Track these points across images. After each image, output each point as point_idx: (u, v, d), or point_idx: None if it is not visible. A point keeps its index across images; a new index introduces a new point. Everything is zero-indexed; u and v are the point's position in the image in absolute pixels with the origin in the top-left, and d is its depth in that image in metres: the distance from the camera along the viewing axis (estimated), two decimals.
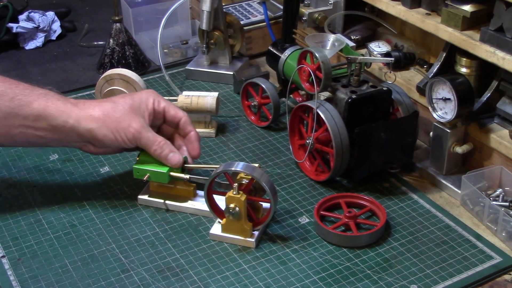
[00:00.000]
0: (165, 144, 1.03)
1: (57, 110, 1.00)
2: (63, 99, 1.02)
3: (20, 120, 0.99)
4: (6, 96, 0.98)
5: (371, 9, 1.36)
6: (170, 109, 1.07)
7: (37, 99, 0.99)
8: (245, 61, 1.48)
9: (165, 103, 1.07)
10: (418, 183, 1.13)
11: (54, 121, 0.99)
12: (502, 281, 0.94)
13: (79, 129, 1.00)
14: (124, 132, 1.01)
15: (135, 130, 1.01)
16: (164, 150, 1.03)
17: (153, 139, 1.02)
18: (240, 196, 0.96)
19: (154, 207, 1.07)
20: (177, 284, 0.93)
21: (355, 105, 1.07)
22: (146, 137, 1.02)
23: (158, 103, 1.06)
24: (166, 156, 1.03)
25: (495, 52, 1.04)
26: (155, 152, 1.02)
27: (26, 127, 0.99)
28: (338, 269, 0.95)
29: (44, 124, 0.99)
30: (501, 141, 1.07)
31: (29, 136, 1.00)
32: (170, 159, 1.03)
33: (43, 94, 1.01)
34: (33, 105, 0.99)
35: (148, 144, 1.02)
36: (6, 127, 0.99)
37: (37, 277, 0.94)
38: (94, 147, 1.04)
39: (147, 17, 1.59)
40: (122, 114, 1.01)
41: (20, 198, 1.10)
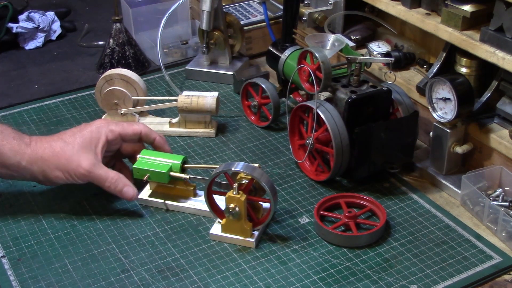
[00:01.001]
0: (118, 179, 1.03)
1: (11, 150, 1.01)
2: (18, 138, 1.02)
3: None
4: None
5: (371, 9, 1.36)
6: (127, 130, 1.07)
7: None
8: (245, 61, 1.48)
9: (119, 127, 1.07)
10: (418, 183, 1.13)
11: (8, 161, 1.01)
12: (502, 281, 0.94)
13: (32, 170, 1.02)
14: (74, 173, 1.01)
15: (85, 170, 1.01)
16: (118, 185, 1.03)
17: (105, 176, 1.03)
18: (240, 196, 0.96)
19: (154, 207, 1.07)
20: (177, 284, 0.93)
21: (355, 105, 1.07)
22: (98, 175, 1.02)
23: (111, 132, 1.06)
24: (121, 190, 1.03)
25: (495, 52, 1.04)
26: (109, 189, 1.03)
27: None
28: (338, 269, 0.95)
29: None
30: (501, 141, 1.07)
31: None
32: (125, 193, 1.03)
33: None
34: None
35: (101, 182, 1.03)
36: None
37: (37, 277, 0.94)
38: (48, 182, 1.05)
39: (147, 17, 1.59)
40: (71, 154, 1.02)
41: (20, 198, 1.10)
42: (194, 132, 1.26)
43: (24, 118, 1.31)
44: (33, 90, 1.45)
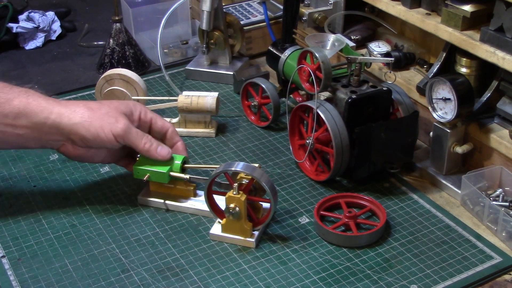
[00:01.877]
0: (152, 138, 1.02)
1: (38, 106, 0.97)
2: (44, 96, 1.00)
3: (0, 119, 0.97)
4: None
5: (371, 9, 1.36)
6: (158, 120, 1.07)
7: (17, 97, 0.98)
8: (245, 61, 1.48)
9: (152, 114, 1.06)
10: (418, 183, 1.13)
11: (35, 118, 0.97)
12: (502, 281, 0.94)
13: (61, 125, 0.98)
14: (111, 128, 0.98)
15: (123, 124, 0.99)
16: (153, 143, 1.02)
17: (142, 134, 1.01)
18: (240, 196, 0.96)
19: (154, 207, 1.07)
20: (177, 284, 0.93)
21: (355, 105, 1.07)
22: (135, 132, 1.00)
23: (145, 113, 1.05)
24: (156, 149, 1.02)
25: (495, 52, 1.04)
26: (144, 146, 1.01)
27: (5, 125, 0.97)
28: (338, 269, 0.95)
29: (25, 121, 0.97)
30: (501, 141, 1.07)
31: (8, 135, 0.98)
32: (160, 151, 1.02)
33: (23, 91, 0.99)
34: (14, 102, 0.97)
35: (137, 139, 1.00)
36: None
37: (37, 277, 0.94)
38: (73, 148, 1.02)
39: (147, 17, 1.59)
40: (108, 111, 1.00)
41: (20, 198, 1.10)
42: (194, 132, 1.26)
43: None
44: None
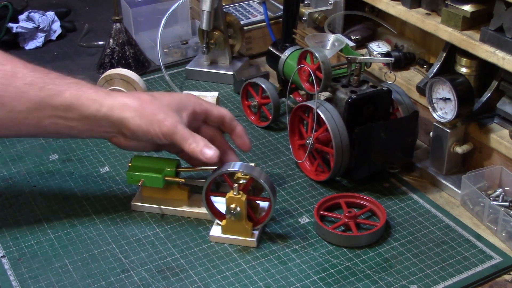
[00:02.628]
0: (200, 139, 0.98)
1: (89, 99, 0.96)
2: (95, 88, 0.98)
3: (51, 111, 0.95)
4: (36, 86, 0.94)
5: (371, 9, 1.36)
6: (213, 110, 1.04)
7: (68, 89, 0.96)
8: (245, 61, 1.48)
9: (207, 104, 1.04)
10: (418, 183, 1.13)
11: (86, 111, 0.95)
12: (502, 281, 0.94)
13: (112, 118, 0.96)
14: (159, 125, 0.96)
15: (171, 123, 0.96)
16: (199, 144, 0.97)
17: (189, 134, 0.97)
18: (240, 196, 0.96)
19: (148, 213, 1.06)
20: (177, 284, 0.93)
21: (355, 105, 1.07)
22: (182, 132, 0.97)
23: (199, 105, 1.02)
24: (200, 150, 0.97)
25: (495, 52, 1.04)
26: (189, 147, 0.97)
27: (57, 117, 0.96)
28: (338, 269, 0.95)
29: (76, 114, 0.96)
30: (501, 141, 1.07)
31: (60, 126, 0.97)
32: (204, 153, 0.97)
33: (74, 83, 0.97)
34: (65, 94, 0.95)
35: (183, 139, 0.97)
36: (36, 118, 0.95)
37: (37, 277, 0.94)
38: (124, 139, 1.00)
39: (147, 17, 1.59)
40: (159, 107, 0.97)
41: (20, 198, 1.10)
42: None
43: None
44: None
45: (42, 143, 1.23)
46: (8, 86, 0.93)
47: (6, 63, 0.94)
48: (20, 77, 0.94)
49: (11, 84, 0.93)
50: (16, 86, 0.93)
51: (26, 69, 0.95)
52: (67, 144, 1.23)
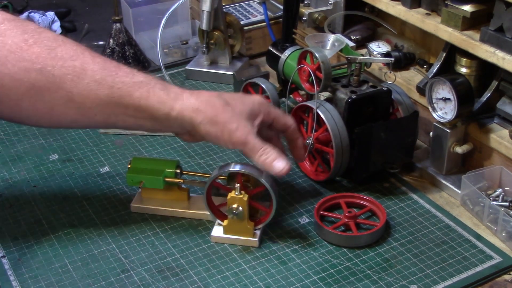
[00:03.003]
0: (271, 151, 0.96)
1: (159, 101, 0.94)
2: (166, 89, 0.96)
3: (121, 109, 0.94)
4: (105, 84, 0.93)
5: (371, 9, 1.36)
6: (280, 118, 1.03)
7: (138, 89, 0.94)
8: (245, 61, 1.48)
9: (276, 113, 1.03)
10: (418, 183, 1.13)
11: (156, 113, 0.94)
12: (502, 281, 0.94)
13: (183, 121, 0.95)
14: (230, 135, 0.95)
15: (242, 134, 0.95)
16: (270, 156, 0.95)
17: (259, 146, 0.96)
18: (242, 196, 0.96)
19: (149, 214, 1.06)
20: (177, 284, 0.93)
21: (355, 105, 1.07)
22: (253, 143, 0.95)
23: (268, 114, 1.01)
24: (271, 162, 0.95)
25: (495, 52, 1.04)
26: (260, 159, 0.96)
27: (127, 115, 0.95)
28: (338, 269, 0.95)
29: (146, 115, 0.95)
30: (501, 141, 1.07)
31: (129, 123, 0.96)
32: (276, 165, 0.95)
33: (144, 82, 0.95)
34: (134, 95, 0.94)
35: (254, 151, 0.96)
36: (106, 114, 0.95)
37: (37, 277, 0.94)
38: (193, 138, 1.00)
39: (147, 17, 1.59)
40: (232, 115, 0.96)
41: (20, 198, 1.10)
42: None
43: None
44: None
45: (42, 143, 1.23)
46: (78, 83, 0.92)
47: (76, 58, 0.93)
48: (89, 74, 0.92)
49: (81, 80, 0.92)
50: (85, 83, 0.92)
51: (95, 65, 0.93)
52: (67, 144, 1.23)
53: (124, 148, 1.22)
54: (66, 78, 0.91)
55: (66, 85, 0.91)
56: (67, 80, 0.91)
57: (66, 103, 0.92)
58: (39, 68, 0.90)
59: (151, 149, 1.22)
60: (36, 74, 0.90)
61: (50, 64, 0.91)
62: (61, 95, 0.92)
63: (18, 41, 0.90)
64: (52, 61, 0.91)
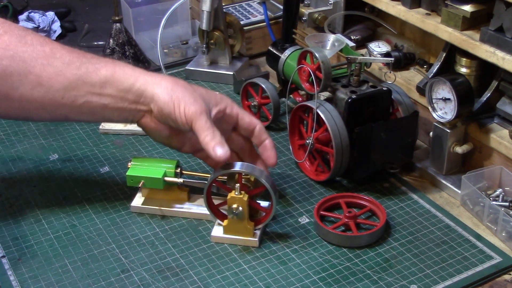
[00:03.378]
0: (218, 135, 0.96)
1: (125, 74, 0.97)
2: (131, 66, 1.00)
3: (87, 87, 0.96)
4: (73, 65, 0.96)
5: (371, 9, 1.36)
6: (245, 116, 1.03)
7: (105, 66, 0.98)
8: (245, 61, 1.48)
9: (240, 110, 1.03)
10: (418, 183, 1.13)
11: (121, 85, 0.97)
12: (502, 281, 0.94)
13: (145, 92, 0.97)
14: (185, 106, 0.96)
15: (197, 109, 0.96)
16: (215, 139, 0.95)
17: (210, 126, 0.96)
18: (242, 196, 0.96)
19: (149, 214, 1.06)
20: (177, 284, 0.93)
21: (355, 105, 1.07)
22: (204, 120, 0.96)
23: (231, 107, 1.02)
24: (213, 146, 0.95)
25: (495, 52, 1.05)
26: (204, 139, 0.95)
27: (92, 94, 0.97)
28: (338, 269, 0.95)
29: (110, 89, 0.97)
30: (501, 141, 1.07)
31: (94, 105, 0.98)
32: (215, 149, 0.94)
33: (111, 61, 0.99)
34: (101, 71, 0.97)
35: (202, 128, 0.96)
36: (72, 96, 0.96)
37: (37, 277, 0.94)
38: (151, 120, 1.00)
39: (147, 17, 1.59)
40: (190, 92, 0.98)
41: (20, 198, 1.10)
42: None
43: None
44: None
45: (42, 143, 1.23)
46: (47, 66, 0.95)
47: (45, 44, 0.96)
48: (58, 57, 0.96)
49: (50, 64, 0.95)
50: (54, 66, 0.95)
51: (64, 50, 0.97)
52: (67, 144, 1.23)
53: (124, 148, 1.22)
54: (36, 62, 0.95)
55: (36, 69, 0.95)
56: (37, 64, 0.95)
57: (35, 87, 0.95)
58: (11, 54, 0.94)
59: (151, 149, 1.22)
60: (7, 61, 0.94)
61: (20, 50, 0.95)
62: (31, 79, 0.95)
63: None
64: (22, 48, 0.95)
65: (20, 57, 0.94)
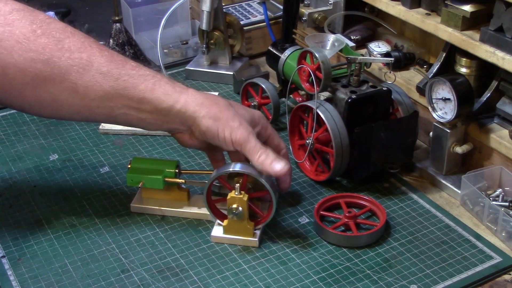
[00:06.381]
0: (270, 152, 0.96)
1: (164, 93, 0.95)
2: (171, 83, 0.97)
3: (124, 101, 0.94)
4: (111, 77, 0.94)
5: (371, 9, 1.36)
6: (275, 138, 1.04)
7: (143, 81, 0.95)
8: (245, 61, 1.48)
9: (272, 131, 1.04)
10: (418, 183, 1.13)
11: (160, 105, 0.95)
12: (502, 281, 0.94)
13: (185, 115, 0.96)
14: (231, 132, 0.96)
15: (244, 132, 0.96)
16: (269, 157, 0.96)
17: (260, 147, 0.96)
18: (242, 196, 0.96)
19: (149, 214, 1.06)
20: (177, 284, 0.93)
21: (355, 105, 1.07)
22: (254, 142, 0.96)
23: (265, 129, 1.02)
24: (270, 163, 0.95)
25: (495, 52, 1.05)
26: (259, 159, 0.96)
27: (129, 108, 0.95)
28: (338, 269, 0.95)
29: (149, 107, 0.95)
30: (501, 141, 1.07)
31: (131, 118, 0.96)
32: (273, 166, 0.95)
33: (150, 76, 0.96)
34: (139, 87, 0.94)
35: (254, 150, 0.96)
36: (108, 107, 0.95)
37: (37, 277, 0.94)
38: (189, 137, 0.99)
39: (147, 17, 1.59)
40: (234, 115, 0.97)
41: (20, 198, 1.10)
42: None
43: (24, 118, 1.31)
44: None
45: (42, 143, 1.23)
46: (83, 75, 0.92)
47: (83, 51, 0.93)
48: (96, 67, 0.93)
49: (87, 73, 0.93)
50: (91, 75, 0.93)
51: (103, 58, 0.94)
52: (67, 144, 1.23)
53: (124, 148, 1.22)
54: (72, 69, 0.92)
55: (72, 76, 0.92)
56: (73, 72, 0.92)
57: (70, 94, 0.93)
58: (46, 59, 0.91)
59: (151, 149, 1.22)
60: (42, 64, 0.91)
61: (56, 55, 0.92)
62: (66, 86, 0.92)
63: (26, 32, 0.91)
64: (58, 52, 0.92)
65: (55, 63, 0.91)
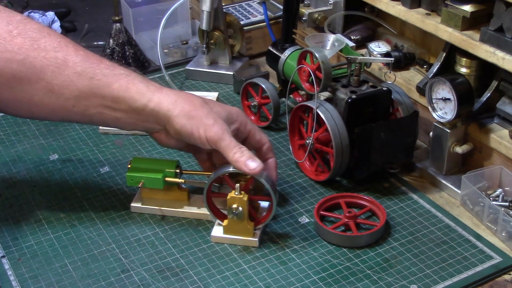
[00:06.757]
0: (246, 150, 0.96)
1: (138, 92, 0.95)
2: (145, 82, 0.97)
3: (99, 100, 0.95)
4: (85, 76, 0.94)
5: (371, 9, 1.36)
6: (256, 133, 1.03)
7: (118, 80, 0.95)
8: (245, 61, 1.48)
9: (252, 126, 1.03)
10: (418, 183, 1.13)
11: (134, 104, 0.95)
12: (502, 281, 0.94)
13: (159, 114, 0.96)
14: (205, 129, 0.95)
15: (219, 130, 0.95)
16: (244, 155, 0.95)
17: (235, 144, 0.96)
18: (242, 196, 0.96)
19: (149, 214, 1.06)
20: (177, 284, 0.93)
21: (355, 105, 1.07)
22: (229, 139, 0.95)
23: (245, 124, 1.02)
24: (244, 161, 0.95)
25: (495, 52, 1.05)
26: (234, 156, 0.95)
27: (104, 107, 0.95)
28: (338, 269, 0.95)
29: (123, 106, 0.95)
30: (501, 141, 1.07)
31: (106, 116, 0.97)
32: (248, 164, 0.95)
33: (124, 74, 0.97)
34: (113, 86, 0.95)
35: (229, 147, 0.95)
36: (84, 106, 0.95)
37: (37, 277, 0.94)
38: (166, 137, 1.00)
39: (147, 17, 1.59)
40: (208, 112, 0.96)
41: (20, 198, 1.10)
42: None
43: (24, 118, 1.31)
44: None
45: (42, 143, 1.23)
46: (58, 75, 0.93)
47: (59, 50, 0.94)
48: (70, 66, 0.94)
49: (62, 72, 0.93)
50: (65, 75, 0.93)
51: (78, 57, 0.95)
52: (67, 144, 1.23)
53: (124, 148, 1.22)
54: (47, 69, 0.93)
55: (47, 76, 0.93)
56: (48, 71, 0.93)
57: (45, 93, 0.94)
58: (21, 59, 0.92)
59: (151, 149, 1.22)
60: (17, 65, 0.92)
61: (32, 55, 0.92)
62: (41, 85, 0.93)
63: (2, 32, 0.92)
64: (34, 52, 0.93)
65: (31, 63, 0.92)
